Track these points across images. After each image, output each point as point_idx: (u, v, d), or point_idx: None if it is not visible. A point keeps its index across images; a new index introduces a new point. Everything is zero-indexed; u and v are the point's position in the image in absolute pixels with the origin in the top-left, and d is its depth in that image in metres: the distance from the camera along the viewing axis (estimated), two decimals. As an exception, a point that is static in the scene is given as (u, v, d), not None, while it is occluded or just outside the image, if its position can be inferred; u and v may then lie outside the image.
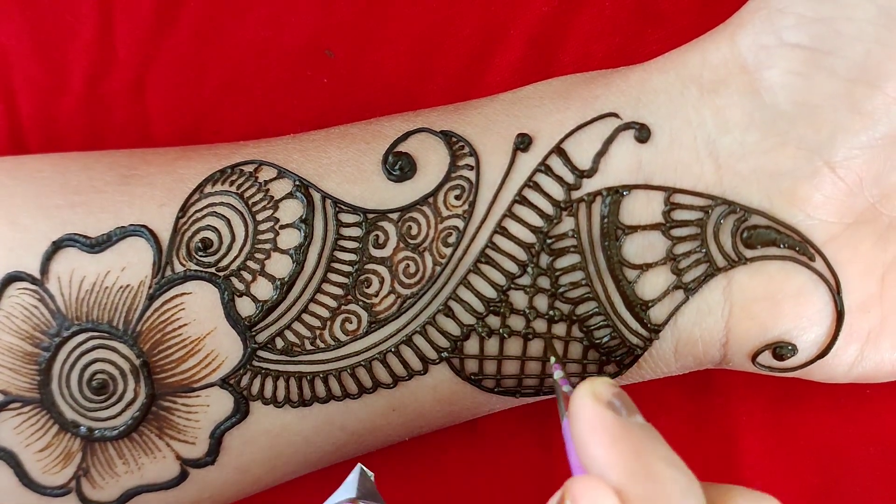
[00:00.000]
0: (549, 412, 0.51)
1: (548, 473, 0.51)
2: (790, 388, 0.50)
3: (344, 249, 0.44)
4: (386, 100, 0.51)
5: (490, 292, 0.44)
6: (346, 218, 0.44)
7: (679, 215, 0.43)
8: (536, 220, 0.43)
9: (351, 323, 0.44)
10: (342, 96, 0.51)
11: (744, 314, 0.43)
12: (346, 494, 0.40)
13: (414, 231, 0.44)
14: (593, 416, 0.35)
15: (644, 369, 0.45)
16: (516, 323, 0.44)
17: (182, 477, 0.45)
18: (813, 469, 0.51)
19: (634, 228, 0.43)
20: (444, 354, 0.44)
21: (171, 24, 0.51)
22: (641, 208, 0.43)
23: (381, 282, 0.44)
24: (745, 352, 0.44)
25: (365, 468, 0.41)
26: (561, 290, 0.43)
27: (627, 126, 0.43)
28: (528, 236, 0.43)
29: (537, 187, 0.43)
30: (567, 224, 0.43)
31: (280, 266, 0.44)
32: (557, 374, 0.41)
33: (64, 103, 0.52)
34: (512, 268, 0.43)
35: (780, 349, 0.44)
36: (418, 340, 0.44)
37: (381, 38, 0.51)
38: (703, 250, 0.43)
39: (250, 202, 0.44)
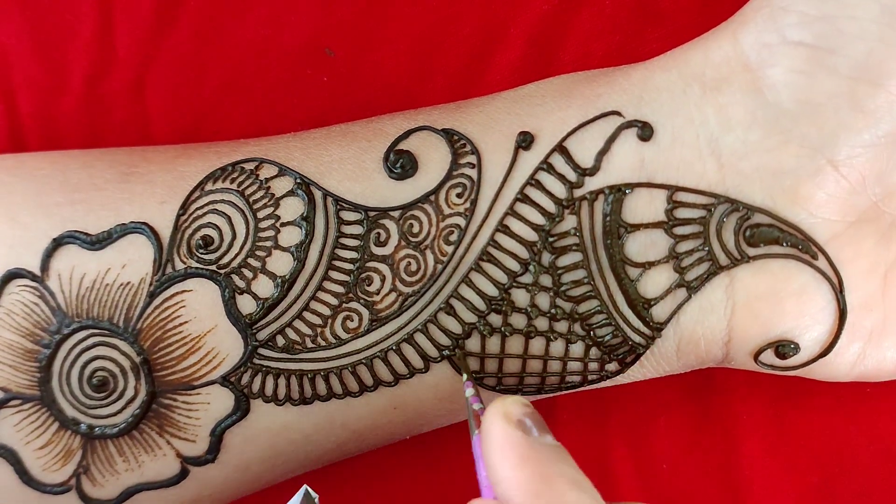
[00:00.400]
0: (550, 412, 0.51)
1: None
2: (791, 387, 0.50)
3: (345, 247, 0.44)
4: (386, 99, 0.51)
5: (492, 290, 0.44)
6: (348, 216, 0.44)
7: (682, 213, 0.43)
8: (538, 218, 0.43)
9: (352, 321, 0.44)
10: (342, 95, 0.51)
11: (746, 312, 0.43)
12: None
13: (415, 229, 0.44)
14: (502, 436, 0.35)
15: (646, 367, 0.45)
16: (518, 321, 0.44)
17: (182, 475, 0.45)
18: (813, 469, 0.51)
19: (637, 226, 0.43)
20: (446, 352, 0.44)
21: (170, 24, 0.51)
22: (644, 206, 0.43)
23: (383, 280, 0.44)
24: (747, 350, 0.44)
25: (310, 490, 0.41)
26: (563, 288, 0.43)
27: (630, 124, 0.43)
28: (530, 234, 0.43)
29: (539, 185, 0.43)
30: (569, 222, 0.43)
31: (281, 264, 0.44)
32: (468, 391, 0.42)
33: (64, 103, 0.51)
34: (514, 266, 0.43)
35: (783, 348, 0.44)
36: (420, 338, 0.44)
37: (382, 38, 0.51)
38: (706, 248, 0.43)
39: (251, 200, 0.44)
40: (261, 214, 0.44)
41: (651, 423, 0.51)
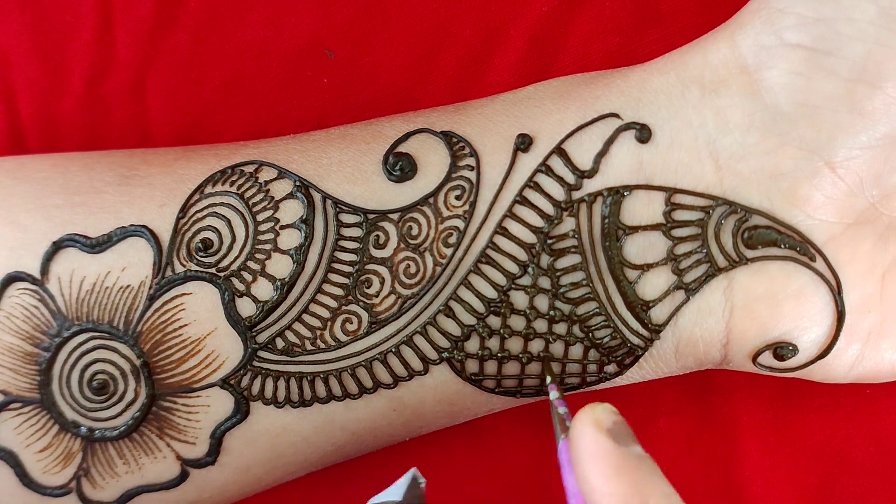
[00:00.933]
0: (548, 410, 0.51)
1: (548, 474, 0.51)
2: (790, 388, 0.50)
3: (344, 250, 0.44)
4: (386, 100, 0.51)
5: (491, 293, 0.44)
6: (347, 218, 0.44)
7: (680, 215, 0.43)
8: (537, 221, 0.43)
9: (351, 323, 0.44)
10: (342, 96, 0.51)
11: (744, 314, 0.43)
12: (391, 497, 0.40)
13: (414, 231, 0.44)
14: (594, 445, 0.35)
15: (645, 369, 0.45)
16: (517, 323, 0.44)
17: (182, 477, 0.45)
18: (813, 469, 0.51)
19: (635, 229, 0.43)
20: (445, 355, 0.44)
21: (170, 25, 0.51)
22: (642, 208, 0.43)
23: (382, 282, 0.44)
24: (745, 352, 0.44)
25: (419, 473, 0.41)
26: (561, 290, 0.43)
27: (628, 126, 0.43)
28: (528, 236, 0.43)
29: (538, 187, 0.43)
30: (568, 224, 0.43)
31: (280, 266, 0.44)
32: (553, 394, 0.42)
33: (64, 104, 0.51)
34: (512, 268, 0.43)
35: (781, 349, 0.44)
36: (419, 341, 0.44)
37: (382, 39, 0.51)
38: (704, 250, 0.43)
39: (251, 202, 0.44)
40: (260, 217, 0.44)
41: (651, 424, 0.51)
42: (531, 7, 0.50)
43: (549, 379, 0.43)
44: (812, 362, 0.44)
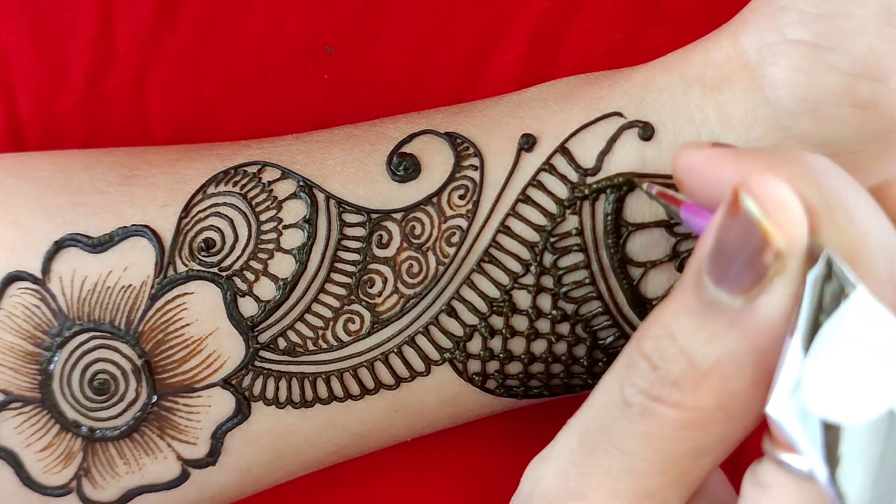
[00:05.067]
0: (550, 412, 0.50)
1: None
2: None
3: (347, 249, 0.44)
4: (387, 96, 0.51)
5: (493, 292, 0.44)
6: (350, 218, 0.44)
7: (683, 212, 0.43)
8: (540, 219, 0.43)
9: (354, 323, 0.44)
10: (343, 93, 0.51)
11: None
12: None
13: (417, 231, 0.44)
14: (716, 152, 0.34)
15: (647, 372, 0.45)
16: (519, 323, 0.44)
17: (183, 477, 0.45)
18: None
19: (638, 226, 0.43)
20: (447, 355, 0.44)
21: (171, 21, 0.51)
22: (645, 205, 0.43)
23: (385, 282, 0.44)
24: None
25: None
26: (564, 289, 0.43)
27: (631, 124, 0.43)
28: (531, 235, 0.43)
29: (541, 186, 0.43)
30: (571, 222, 0.43)
31: (283, 266, 0.44)
32: (653, 190, 0.40)
33: (64, 100, 0.51)
34: (515, 267, 0.43)
35: (786, 346, 0.43)
36: (421, 341, 0.44)
37: (383, 35, 0.51)
38: (707, 247, 0.43)
39: (254, 202, 0.44)
40: (263, 217, 0.44)
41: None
42: (532, 4, 0.50)
43: (644, 186, 0.42)
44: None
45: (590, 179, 0.43)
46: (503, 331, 0.44)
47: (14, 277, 0.44)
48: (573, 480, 0.35)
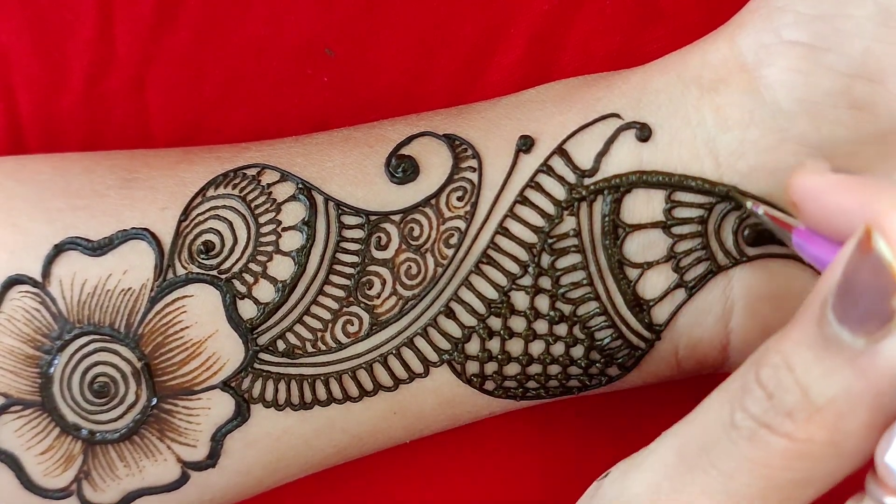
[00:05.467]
0: (549, 413, 0.51)
1: (548, 474, 0.51)
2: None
3: (346, 251, 0.44)
4: (387, 98, 0.51)
5: (491, 293, 0.44)
6: (349, 220, 0.44)
7: (680, 213, 0.43)
8: (538, 220, 0.43)
9: (352, 325, 0.44)
10: (343, 94, 0.51)
11: (746, 314, 0.43)
12: None
13: (416, 232, 0.44)
14: (840, 179, 0.34)
15: (645, 372, 0.45)
16: (517, 324, 0.44)
17: (183, 479, 0.45)
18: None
19: (635, 227, 0.43)
20: (446, 356, 0.44)
21: (171, 22, 0.51)
22: (642, 206, 0.43)
23: (383, 283, 0.44)
24: (747, 354, 0.44)
25: None
26: (562, 290, 0.43)
27: (629, 126, 0.43)
28: (529, 236, 0.43)
29: (539, 187, 0.43)
30: (568, 223, 0.43)
31: (282, 268, 0.44)
32: (759, 210, 0.40)
33: (64, 101, 0.52)
34: (513, 268, 0.43)
35: (783, 350, 0.43)
36: (419, 342, 0.44)
37: (382, 37, 0.51)
38: (705, 248, 0.43)
39: (253, 205, 0.44)
40: (262, 219, 0.44)
41: (651, 424, 0.51)
42: (532, 5, 0.50)
43: (748, 204, 0.42)
44: (814, 363, 0.44)
45: (587, 181, 0.43)
46: (501, 332, 0.44)
47: (14, 281, 0.44)
48: (666, 494, 0.35)
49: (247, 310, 0.44)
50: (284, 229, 0.44)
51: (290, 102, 0.52)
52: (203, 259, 0.44)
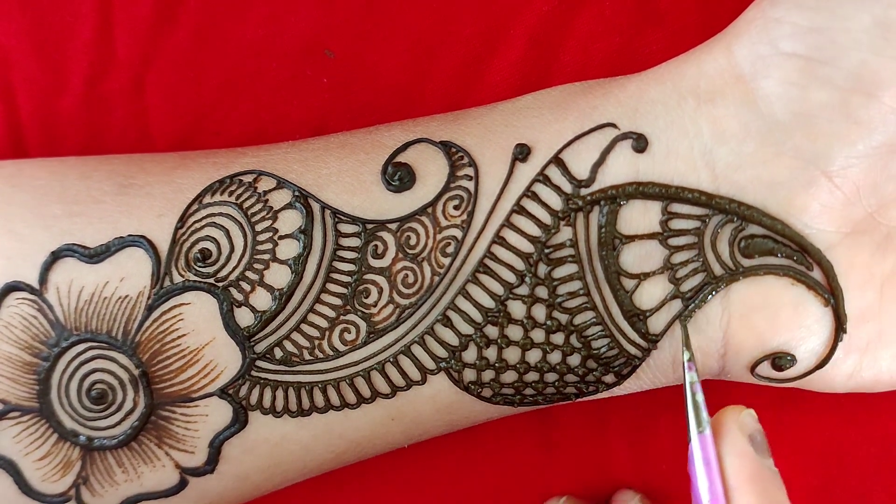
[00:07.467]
0: (549, 412, 0.51)
1: (548, 473, 0.51)
2: (790, 388, 0.50)
3: (343, 260, 0.44)
4: (386, 100, 0.51)
5: (488, 302, 0.44)
6: (345, 228, 0.44)
7: (676, 224, 0.43)
8: (535, 230, 0.43)
9: (349, 333, 0.44)
10: (342, 96, 0.51)
11: (742, 324, 0.43)
12: None
13: (413, 241, 0.44)
14: (741, 447, 0.38)
15: (642, 380, 0.45)
16: (514, 333, 0.44)
17: (181, 485, 0.45)
18: (813, 469, 0.51)
19: (632, 238, 0.43)
20: (443, 364, 0.44)
21: (170, 24, 0.51)
22: (639, 217, 0.43)
23: (380, 292, 0.44)
24: (743, 363, 0.44)
25: None
26: (559, 299, 0.43)
27: (625, 136, 0.43)
28: (526, 246, 0.43)
29: (535, 197, 0.43)
30: (565, 234, 0.43)
31: (279, 276, 0.44)
32: (690, 376, 0.41)
33: (63, 103, 0.52)
34: (510, 277, 0.43)
35: (779, 360, 0.44)
36: (416, 350, 0.44)
37: (381, 39, 0.51)
38: (701, 259, 0.43)
39: (249, 213, 0.44)
40: (259, 227, 0.44)
41: (651, 423, 0.51)
42: (531, 7, 0.50)
43: (686, 356, 0.42)
44: (810, 372, 0.44)
45: (583, 191, 0.43)
46: (498, 341, 0.44)
47: (11, 288, 0.44)
48: None
49: (244, 318, 0.44)
50: (281, 237, 0.44)
51: (289, 104, 0.51)
52: (200, 267, 0.44)
